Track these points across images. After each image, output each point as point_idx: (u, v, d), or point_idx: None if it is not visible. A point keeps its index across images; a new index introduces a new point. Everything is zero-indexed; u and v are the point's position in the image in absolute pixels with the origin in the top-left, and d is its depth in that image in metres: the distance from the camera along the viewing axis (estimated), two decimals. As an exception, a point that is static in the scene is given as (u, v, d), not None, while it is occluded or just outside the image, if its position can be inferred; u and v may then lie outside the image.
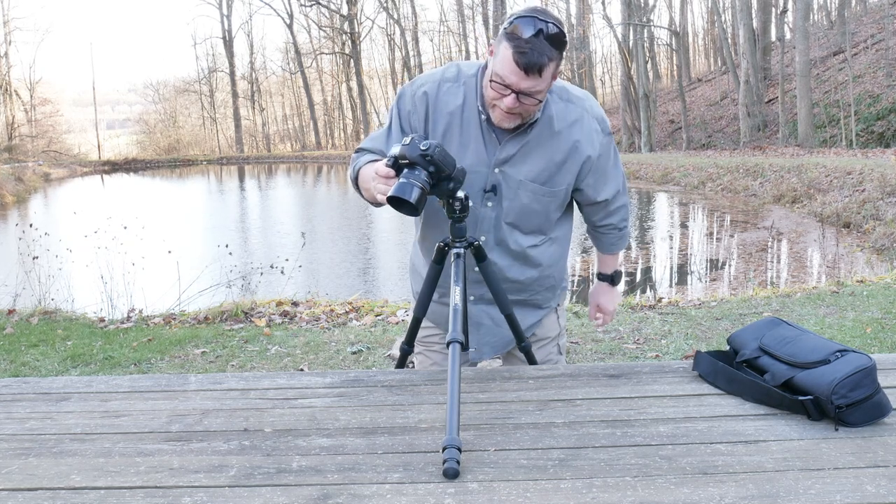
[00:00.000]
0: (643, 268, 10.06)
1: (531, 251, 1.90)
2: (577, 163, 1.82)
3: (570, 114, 1.80)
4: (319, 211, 19.07)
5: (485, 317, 1.95)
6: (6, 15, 42.84)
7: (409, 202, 1.55)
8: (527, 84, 1.63)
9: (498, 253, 1.87)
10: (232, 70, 48.17)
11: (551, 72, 1.65)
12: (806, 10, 22.98)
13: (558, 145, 1.80)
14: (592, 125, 1.83)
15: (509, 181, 1.80)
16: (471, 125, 1.79)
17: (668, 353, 4.44)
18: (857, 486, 1.19)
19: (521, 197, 1.82)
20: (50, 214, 18.53)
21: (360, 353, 4.61)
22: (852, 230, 11.34)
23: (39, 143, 41.96)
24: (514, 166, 1.80)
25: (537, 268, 1.93)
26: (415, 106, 1.82)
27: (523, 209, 1.84)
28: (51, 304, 6.22)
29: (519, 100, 1.66)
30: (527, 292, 1.97)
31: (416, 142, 1.59)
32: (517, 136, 1.78)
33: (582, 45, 35.35)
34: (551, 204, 1.85)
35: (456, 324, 1.56)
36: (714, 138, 28.18)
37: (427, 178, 1.58)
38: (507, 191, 1.81)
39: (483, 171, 1.80)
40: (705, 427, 1.43)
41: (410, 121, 1.83)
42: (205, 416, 1.54)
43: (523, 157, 1.79)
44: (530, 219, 1.86)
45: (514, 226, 1.86)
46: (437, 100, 1.81)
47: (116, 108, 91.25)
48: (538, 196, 1.83)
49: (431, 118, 1.81)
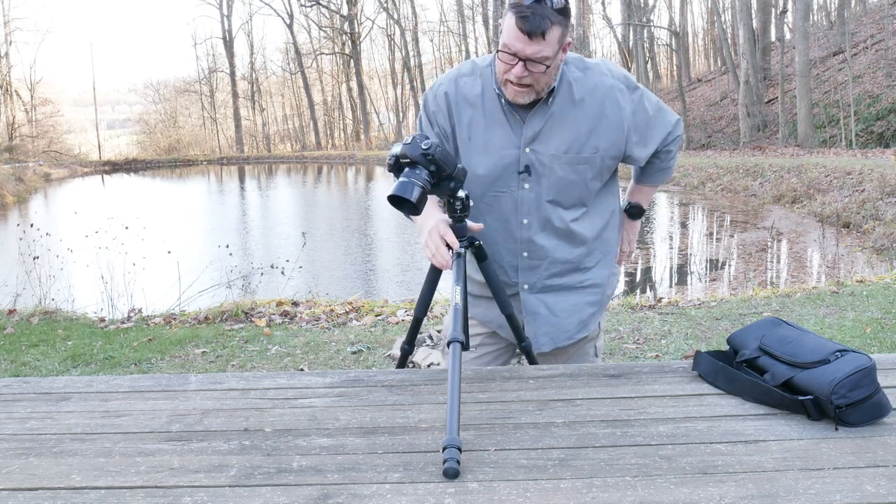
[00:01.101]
0: (643, 268, 10.06)
1: (574, 225, 1.87)
2: (607, 127, 1.81)
3: (588, 80, 1.80)
4: (319, 211, 19.07)
5: (540, 306, 1.93)
6: (6, 15, 42.85)
7: (410, 201, 1.55)
8: (532, 49, 1.64)
9: (544, 234, 1.85)
10: (232, 70, 48.16)
11: (556, 37, 1.65)
12: (806, 11, 22.98)
13: (583, 113, 1.79)
14: (614, 85, 1.81)
15: (541, 157, 1.80)
16: (493, 111, 1.80)
17: (668, 353, 4.44)
18: (856, 485, 1.19)
19: (556, 171, 1.81)
20: (50, 214, 18.53)
21: (360, 353, 4.61)
22: (852, 230, 11.34)
23: (40, 144, 41.95)
24: (543, 142, 1.79)
25: (584, 243, 1.90)
26: (438, 106, 1.86)
27: (561, 183, 1.82)
28: (51, 304, 6.23)
29: (527, 67, 1.66)
30: (581, 272, 1.93)
31: (418, 141, 1.59)
32: (540, 112, 1.78)
33: (582, 45, 35.35)
34: (588, 172, 1.83)
35: (456, 323, 1.56)
36: (714, 138, 28.17)
37: (428, 177, 1.59)
38: (541, 168, 1.80)
39: (514, 154, 1.80)
40: (705, 427, 1.43)
41: (438, 121, 1.86)
42: (205, 416, 1.54)
43: (550, 130, 1.79)
44: (570, 191, 1.84)
45: (555, 202, 1.84)
46: (458, 94, 1.83)
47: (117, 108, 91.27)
48: (573, 166, 1.81)
49: (455, 112, 1.83)
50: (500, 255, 1.90)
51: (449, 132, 1.86)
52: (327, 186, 27.46)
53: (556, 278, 1.91)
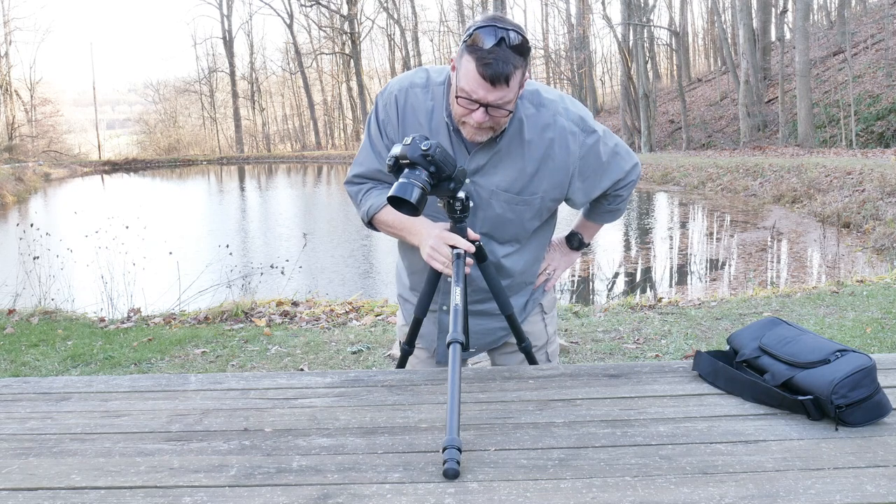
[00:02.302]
0: (643, 268, 10.07)
1: (505, 261, 1.85)
2: (552, 170, 1.76)
3: (541, 119, 1.74)
4: (320, 211, 19.07)
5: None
6: (6, 15, 42.86)
7: (410, 202, 1.55)
8: (494, 96, 1.58)
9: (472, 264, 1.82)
10: (232, 70, 48.17)
11: (518, 80, 1.60)
12: (806, 10, 22.98)
13: (530, 153, 1.74)
14: (567, 128, 1.75)
15: (481, 191, 1.76)
16: (439, 135, 1.75)
17: (668, 353, 4.44)
18: (856, 485, 1.19)
19: (493, 206, 1.78)
20: (50, 214, 18.53)
21: (360, 353, 4.61)
22: (852, 230, 11.35)
23: (40, 144, 41.96)
24: (485, 176, 1.75)
25: (510, 276, 1.89)
26: (388, 115, 1.79)
27: (497, 219, 1.80)
28: (51, 304, 6.23)
29: (488, 113, 1.61)
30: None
31: (418, 142, 1.58)
32: (486, 146, 1.73)
33: (582, 45, 35.35)
34: (525, 213, 1.80)
35: (456, 324, 1.55)
36: (714, 138, 28.18)
37: (428, 178, 1.57)
38: (479, 200, 1.77)
39: None
40: (705, 427, 1.43)
41: (387, 131, 1.80)
42: (205, 416, 1.54)
43: (494, 166, 1.75)
44: (505, 228, 1.82)
45: (488, 236, 1.81)
46: (406, 104, 1.77)
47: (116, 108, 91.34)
48: (511, 205, 1.78)
49: (402, 123, 1.78)
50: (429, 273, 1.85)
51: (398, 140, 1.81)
52: (327, 187, 27.45)
53: (476, 304, 1.91)
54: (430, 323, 1.95)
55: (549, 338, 2.06)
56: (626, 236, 12.85)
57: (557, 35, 42.03)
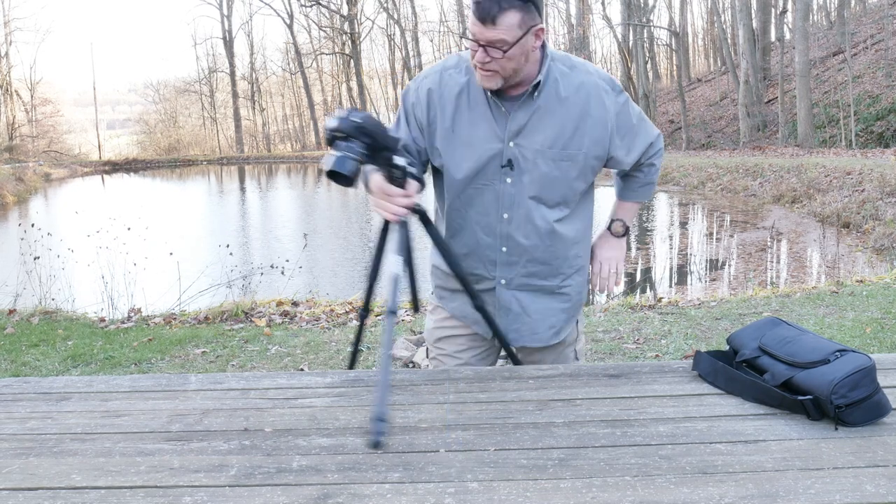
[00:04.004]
0: (643, 268, 10.07)
1: (558, 226, 1.85)
2: (591, 126, 1.80)
3: (575, 77, 1.80)
4: (320, 211, 19.07)
5: (514, 303, 1.92)
6: (7, 15, 42.85)
7: (345, 175, 1.57)
8: (488, 35, 1.65)
9: (524, 232, 1.84)
10: (232, 70, 48.15)
11: (513, 22, 1.65)
12: (805, 11, 22.98)
13: (568, 110, 1.79)
14: (600, 85, 1.81)
15: (525, 152, 1.79)
16: (478, 103, 1.80)
17: (668, 353, 4.44)
18: (856, 485, 1.19)
19: (539, 166, 1.79)
20: (51, 214, 18.53)
21: (360, 353, 4.61)
22: (852, 230, 11.35)
23: (40, 144, 41.95)
24: (528, 136, 1.79)
25: (566, 246, 1.88)
26: (418, 98, 1.85)
27: (544, 179, 1.80)
28: (51, 303, 6.23)
29: (488, 53, 1.67)
30: (558, 276, 1.91)
31: (349, 114, 1.60)
32: (525, 106, 1.78)
33: (582, 45, 35.34)
34: (571, 170, 1.81)
35: (394, 294, 1.58)
36: (714, 138, 28.17)
37: (363, 149, 1.59)
38: (524, 162, 1.79)
39: (497, 147, 1.79)
40: (705, 427, 1.43)
41: (415, 113, 1.85)
42: (205, 416, 1.54)
43: (535, 125, 1.78)
44: (553, 189, 1.82)
45: (538, 199, 1.82)
46: (442, 87, 1.83)
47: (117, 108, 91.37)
48: (557, 162, 1.80)
49: (438, 105, 1.82)
50: (480, 249, 1.89)
51: (425, 124, 1.85)
52: (327, 186, 27.44)
53: (534, 278, 1.90)
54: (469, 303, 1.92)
55: (578, 334, 2.06)
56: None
57: (557, 35, 42.03)
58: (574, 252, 1.91)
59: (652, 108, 30.43)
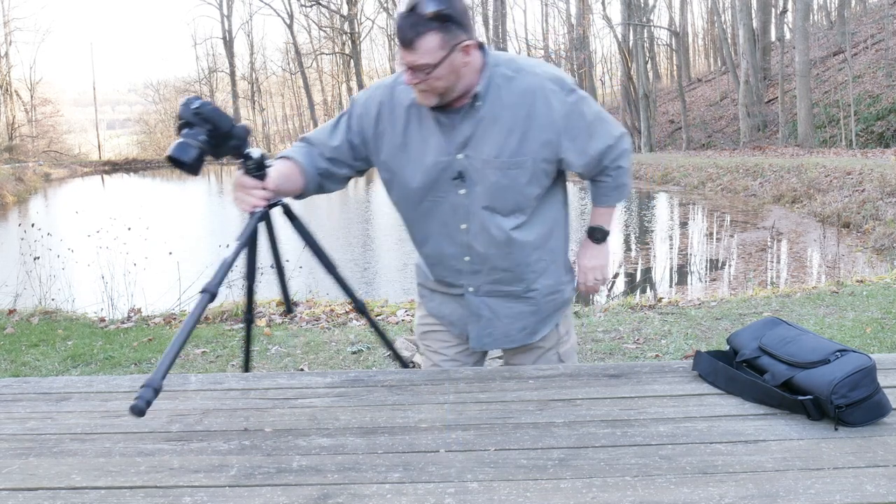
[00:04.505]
0: (643, 268, 10.06)
1: (515, 234, 1.83)
2: (537, 129, 1.77)
3: (520, 82, 1.77)
4: (320, 211, 19.07)
5: (484, 308, 1.93)
6: (6, 15, 42.87)
7: (186, 162, 1.57)
8: (411, 58, 1.65)
9: (482, 242, 1.84)
10: (232, 70, 48.18)
11: (433, 45, 1.64)
12: (806, 10, 22.98)
13: (513, 116, 1.76)
14: (546, 86, 1.77)
15: (474, 163, 1.78)
16: (427, 118, 1.79)
17: (668, 353, 4.44)
18: (856, 485, 1.19)
19: (488, 176, 1.78)
20: (51, 214, 18.53)
21: (360, 353, 4.61)
22: (852, 230, 11.34)
23: (40, 144, 41.98)
24: (475, 147, 1.77)
25: (525, 252, 1.87)
26: (367, 109, 1.85)
27: (494, 188, 1.79)
28: (51, 304, 6.23)
29: (415, 74, 1.67)
30: (522, 282, 1.89)
31: (189, 101, 1.60)
32: (469, 117, 1.76)
33: (582, 45, 35.35)
34: (521, 177, 1.79)
35: (217, 276, 1.58)
36: (714, 138, 28.18)
37: (205, 136, 1.60)
38: (474, 173, 1.78)
39: (447, 160, 1.79)
40: (705, 427, 1.43)
41: (362, 123, 1.85)
42: (205, 416, 1.54)
43: (481, 135, 1.77)
44: (505, 197, 1.81)
45: (491, 209, 1.81)
46: (393, 101, 1.83)
47: (117, 108, 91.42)
48: (505, 171, 1.78)
49: (389, 119, 1.82)
50: (446, 259, 1.90)
51: (370, 136, 1.85)
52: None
53: (500, 285, 1.90)
54: (455, 305, 1.95)
55: (560, 337, 2.03)
56: (626, 236, 12.85)
57: (557, 35, 42.02)
58: (535, 257, 1.89)
59: (652, 108, 30.44)
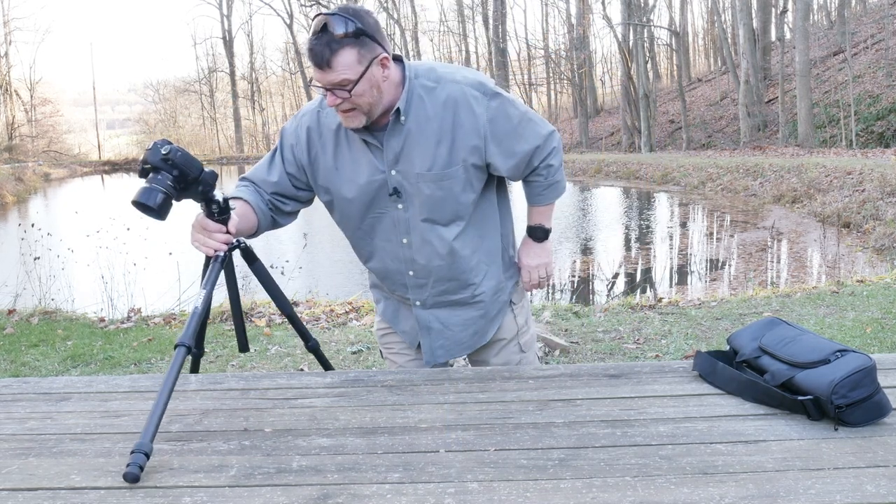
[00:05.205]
0: (643, 268, 10.07)
1: (456, 243, 1.84)
2: (464, 136, 1.76)
3: (440, 93, 1.76)
4: (320, 212, 19.05)
5: (433, 321, 1.94)
6: (6, 15, 42.84)
7: (152, 208, 1.55)
8: (329, 78, 1.64)
9: (424, 255, 1.84)
10: (232, 70, 48.18)
11: (350, 60, 1.63)
12: (806, 10, 22.98)
13: (439, 126, 1.75)
14: (468, 93, 1.76)
15: (407, 177, 1.78)
16: (356, 139, 1.79)
17: (668, 353, 4.44)
18: (857, 485, 1.19)
19: (423, 190, 1.78)
20: (50, 214, 18.52)
21: (360, 353, 4.61)
22: (852, 230, 11.34)
23: (39, 144, 41.97)
24: (405, 162, 1.77)
25: (466, 260, 1.87)
26: (298, 138, 1.84)
27: (430, 201, 1.79)
28: (51, 304, 6.23)
29: (336, 95, 1.66)
30: (469, 287, 1.90)
31: (158, 146, 1.58)
32: (395, 132, 1.76)
33: (582, 45, 35.36)
34: (454, 186, 1.79)
35: (188, 328, 1.53)
36: (714, 138, 28.18)
37: (172, 182, 1.57)
38: (409, 188, 1.78)
39: (381, 177, 1.78)
40: (705, 427, 1.43)
41: (294, 153, 1.85)
42: (205, 416, 1.54)
43: (409, 150, 1.76)
44: (443, 208, 1.81)
45: (431, 221, 1.81)
46: (321, 126, 1.82)
47: (116, 108, 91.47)
48: (438, 182, 1.78)
49: (319, 143, 1.82)
50: (391, 274, 1.91)
51: (306, 163, 1.84)
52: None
53: (446, 295, 1.91)
54: (410, 317, 1.97)
55: (519, 328, 2.03)
56: (626, 236, 12.85)
57: (557, 35, 42.06)
58: (477, 260, 1.89)
59: (652, 108, 30.43)
